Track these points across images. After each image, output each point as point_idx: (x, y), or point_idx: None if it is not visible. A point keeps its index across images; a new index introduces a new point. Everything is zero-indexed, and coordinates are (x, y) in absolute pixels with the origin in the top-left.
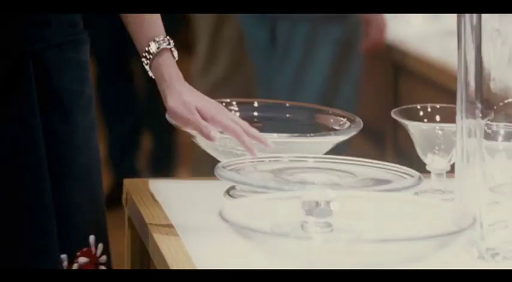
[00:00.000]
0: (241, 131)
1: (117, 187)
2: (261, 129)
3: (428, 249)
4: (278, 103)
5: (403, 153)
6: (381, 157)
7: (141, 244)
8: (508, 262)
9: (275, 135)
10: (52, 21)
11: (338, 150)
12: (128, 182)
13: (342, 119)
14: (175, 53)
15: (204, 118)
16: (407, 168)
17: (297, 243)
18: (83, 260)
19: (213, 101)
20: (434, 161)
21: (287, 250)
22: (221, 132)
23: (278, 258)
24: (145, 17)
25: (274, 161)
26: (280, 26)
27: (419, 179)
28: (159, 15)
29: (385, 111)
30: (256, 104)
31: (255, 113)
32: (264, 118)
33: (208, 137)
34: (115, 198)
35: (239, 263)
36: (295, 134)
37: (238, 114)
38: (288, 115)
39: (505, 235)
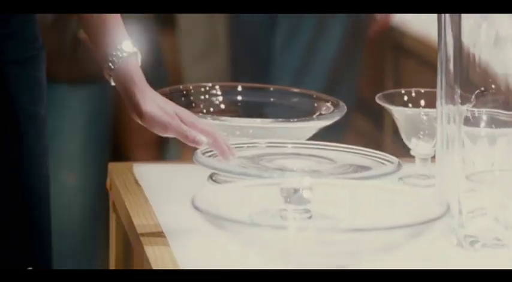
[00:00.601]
0: (219, 135)
1: None
2: (244, 114)
3: (406, 237)
4: (262, 87)
5: None
6: (380, 137)
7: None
8: (487, 250)
9: (258, 120)
10: (18, 33)
11: (337, 131)
12: (112, 166)
13: (326, 103)
14: (140, 58)
15: (183, 123)
16: (387, 155)
17: (272, 232)
18: None
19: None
20: (418, 146)
21: (262, 239)
22: None
23: (253, 247)
24: (109, 21)
25: (252, 147)
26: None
27: (399, 165)
28: (120, 19)
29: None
30: (239, 88)
31: (239, 97)
32: (247, 102)
33: (194, 141)
34: None
35: (219, 252)
36: (279, 119)
37: (221, 98)
38: (272, 99)
39: (484, 222)
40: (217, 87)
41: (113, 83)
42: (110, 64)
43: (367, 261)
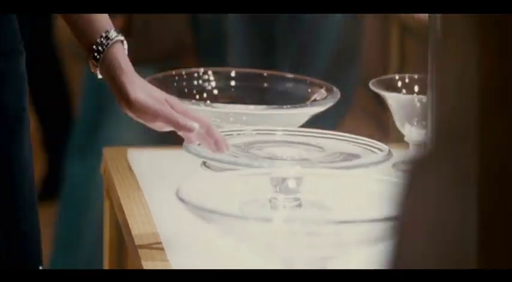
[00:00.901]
0: (213, 125)
1: None
2: (238, 100)
3: (390, 228)
4: (256, 73)
5: None
6: (383, 118)
7: None
8: None
9: (251, 107)
10: (4, 26)
11: (340, 110)
12: (107, 151)
13: (320, 89)
14: (126, 45)
15: (174, 111)
16: (378, 142)
17: (258, 224)
18: None
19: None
20: (412, 133)
21: (248, 230)
22: None
23: (239, 238)
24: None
25: (242, 134)
26: None
27: (389, 153)
28: None
29: (390, 73)
30: (233, 74)
31: (232, 83)
32: (240, 88)
33: (185, 127)
34: None
35: (207, 242)
36: (272, 106)
37: (214, 83)
38: (265, 85)
39: None
40: (210, 72)
41: (99, 76)
42: (96, 54)
43: (354, 252)
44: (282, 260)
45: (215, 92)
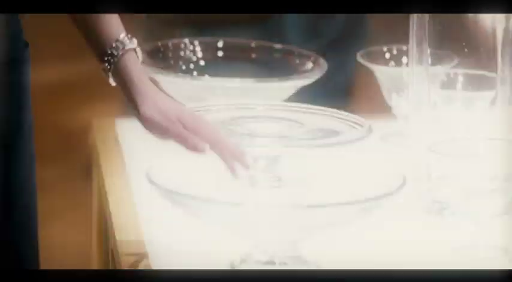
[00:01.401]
0: (227, 145)
1: None
2: (225, 72)
3: (359, 211)
4: (243, 43)
5: None
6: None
7: None
8: (456, 217)
9: (237, 80)
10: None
11: (341, 82)
12: (96, 121)
13: (308, 60)
14: (140, 53)
15: (185, 128)
16: (358, 117)
17: (228, 206)
18: None
19: (189, 108)
20: (400, 105)
21: (218, 212)
22: None
23: (209, 220)
24: (102, 16)
25: (222, 109)
26: None
27: (369, 129)
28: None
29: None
30: (220, 44)
31: (219, 54)
32: (228, 58)
33: (195, 148)
34: None
35: (181, 224)
36: (259, 78)
37: (201, 54)
38: (253, 55)
39: (454, 189)
40: (196, 42)
41: (113, 84)
42: (107, 65)
43: (325, 233)
44: (252, 241)
45: (202, 63)
